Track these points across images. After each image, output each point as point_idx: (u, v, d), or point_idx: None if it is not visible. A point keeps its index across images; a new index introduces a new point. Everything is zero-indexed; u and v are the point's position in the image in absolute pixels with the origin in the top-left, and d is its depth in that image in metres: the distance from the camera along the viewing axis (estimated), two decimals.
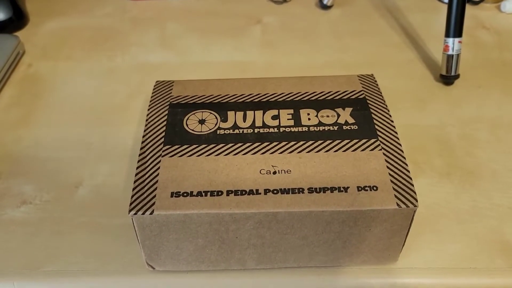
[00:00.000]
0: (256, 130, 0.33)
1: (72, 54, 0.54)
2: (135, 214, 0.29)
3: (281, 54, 0.54)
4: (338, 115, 0.34)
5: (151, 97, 0.37)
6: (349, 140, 0.33)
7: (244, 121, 0.34)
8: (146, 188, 0.30)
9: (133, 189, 0.30)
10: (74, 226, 0.36)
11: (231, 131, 0.33)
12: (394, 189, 0.30)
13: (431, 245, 0.35)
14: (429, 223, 0.36)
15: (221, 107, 0.35)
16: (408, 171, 0.31)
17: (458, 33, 0.47)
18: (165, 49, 0.55)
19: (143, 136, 0.33)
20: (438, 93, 0.48)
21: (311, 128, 0.33)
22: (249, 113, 0.35)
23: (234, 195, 0.29)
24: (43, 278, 0.33)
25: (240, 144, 0.32)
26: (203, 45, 0.55)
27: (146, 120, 0.35)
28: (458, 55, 0.47)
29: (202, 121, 0.34)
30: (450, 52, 0.47)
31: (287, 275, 0.33)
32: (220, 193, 0.29)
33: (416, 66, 0.51)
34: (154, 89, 0.38)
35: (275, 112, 0.35)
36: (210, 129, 0.34)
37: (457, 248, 0.35)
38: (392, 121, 0.34)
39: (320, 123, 0.34)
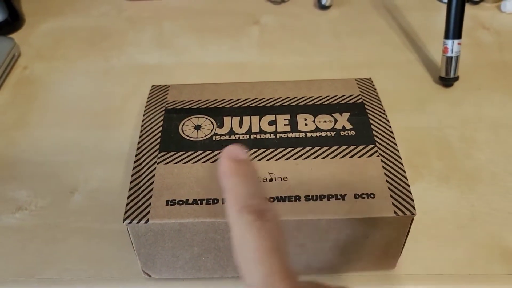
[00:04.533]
0: (252, 136, 0.33)
1: (67, 55, 0.54)
2: (130, 223, 0.28)
3: (279, 55, 0.53)
4: (336, 121, 0.34)
5: (147, 102, 0.37)
6: (346, 147, 0.32)
7: (241, 126, 0.34)
8: (141, 196, 0.29)
9: (128, 197, 0.29)
10: (69, 233, 0.36)
11: (227, 137, 0.33)
12: (391, 196, 0.29)
13: (430, 251, 0.34)
14: (428, 229, 0.36)
15: (217, 112, 0.35)
16: (406, 178, 0.30)
17: (457, 35, 0.46)
18: (162, 49, 0.54)
19: (138, 143, 0.33)
20: (437, 95, 0.47)
21: (308, 134, 0.33)
22: (246, 119, 0.34)
23: None
24: (38, 286, 0.33)
25: None
26: (200, 46, 0.55)
27: (142, 126, 0.34)
28: (457, 57, 0.47)
29: (198, 127, 0.34)
30: (449, 54, 0.47)
31: None
32: (216, 201, 0.29)
33: (415, 67, 0.51)
34: (149, 94, 0.37)
35: (271, 117, 0.34)
36: (206, 135, 0.33)
37: (456, 254, 0.34)
38: (390, 127, 0.34)
39: (317, 129, 0.33)
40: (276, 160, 0.31)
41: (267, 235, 0.22)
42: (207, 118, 0.35)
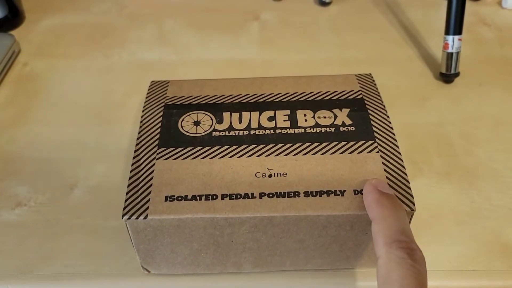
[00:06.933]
0: (252, 132, 0.33)
1: (68, 52, 0.54)
2: (129, 218, 0.28)
3: (279, 51, 0.53)
4: (335, 116, 0.34)
5: (146, 97, 0.37)
6: (346, 142, 0.32)
7: (240, 122, 0.34)
8: (140, 192, 0.29)
9: (127, 193, 0.29)
10: (69, 228, 0.36)
11: (226, 133, 0.33)
12: None
13: (429, 247, 0.34)
14: (428, 225, 0.36)
15: (216, 108, 0.35)
16: (406, 174, 0.30)
17: (458, 30, 0.46)
18: (163, 46, 0.54)
19: (137, 138, 0.33)
20: (438, 91, 0.47)
21: (308, 130, 0.33)
22: (245, 114, 0.34)
23: (229, 199, 0.29)
24: (38, 282, 0.33)
25: (235, 147, 0.32)
26: (201, 42, 0.55)
27: (141, 121, 0.34)
28: (458, 53, 0.46)
29: (197, 123, 0.34)
30: (449, 50, 0.46)
31: (284, 278, 0.33)
32: (215, 197, 0.29)
33: (416, 63, 0.51)
34: (149, 90, 0.37)
35: (271, 113, 0.34)
36: (205, 131, 0.33)
37: (456, 250, 0.34)
38: (390, 123, 0.34)
39: (317, 125, 0.33)
40: (276, 156, 0.31)
41: (414, 276, 0.23)
42: (206, 114, 0.34)
